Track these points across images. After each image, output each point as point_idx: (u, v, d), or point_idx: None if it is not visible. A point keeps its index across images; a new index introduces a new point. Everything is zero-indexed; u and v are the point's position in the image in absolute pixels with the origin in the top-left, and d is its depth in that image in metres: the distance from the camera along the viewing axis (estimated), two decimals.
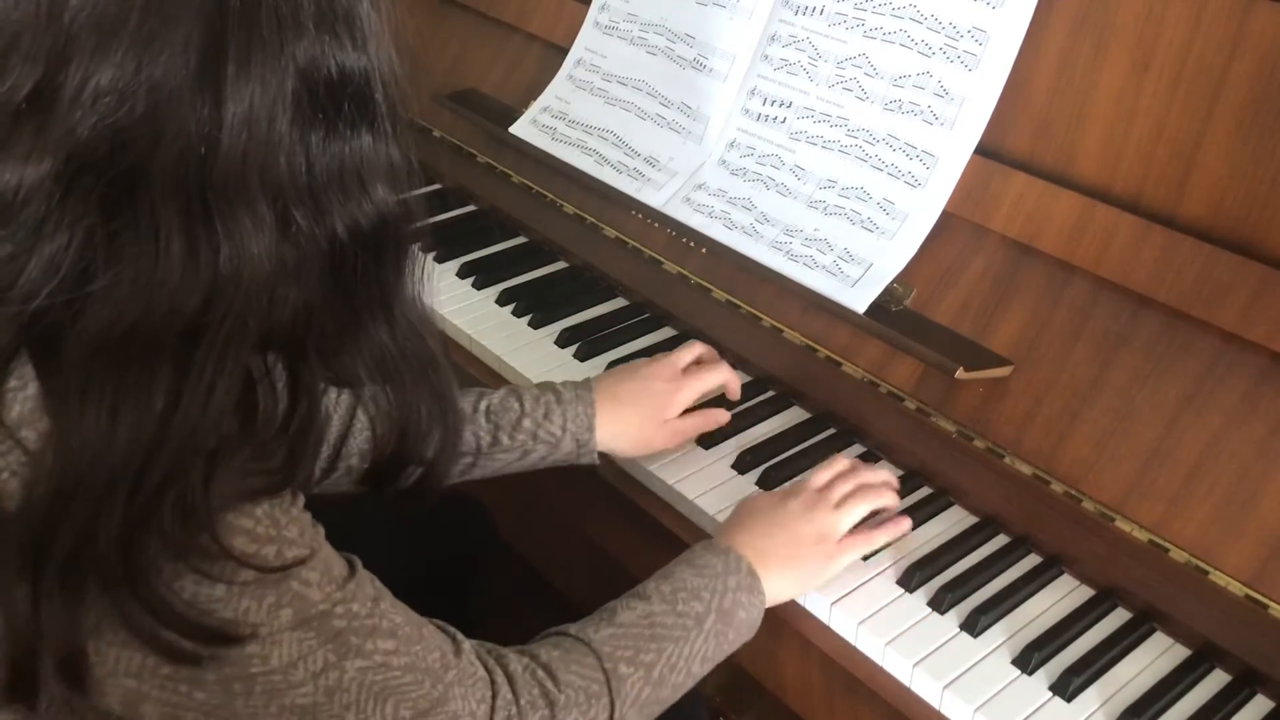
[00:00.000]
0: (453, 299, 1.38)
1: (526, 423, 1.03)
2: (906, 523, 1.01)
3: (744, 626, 0.89)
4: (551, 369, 1.26)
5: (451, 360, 1.08)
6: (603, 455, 1.09)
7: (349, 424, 0.98)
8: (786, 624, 1.00)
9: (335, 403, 0.98)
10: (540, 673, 0.77)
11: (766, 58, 1.29)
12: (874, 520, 1.00)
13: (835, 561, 0.96)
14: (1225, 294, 0.94)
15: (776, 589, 0.93)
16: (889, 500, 1.02)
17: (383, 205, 0.65)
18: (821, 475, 1.00)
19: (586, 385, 1.08)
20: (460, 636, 0.75)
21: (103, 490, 0.58)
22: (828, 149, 1.22)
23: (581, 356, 1.28)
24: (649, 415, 1.08)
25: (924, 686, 0.92)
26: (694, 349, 1.15)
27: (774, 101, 1.28)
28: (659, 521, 1.10)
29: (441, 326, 1.35)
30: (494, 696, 0.73)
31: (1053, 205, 1.05)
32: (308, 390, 0.66)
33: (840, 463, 1.02)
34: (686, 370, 1.12)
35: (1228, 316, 0.94)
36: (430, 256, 1.47)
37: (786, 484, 1.05)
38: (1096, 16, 1.06)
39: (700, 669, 0.86)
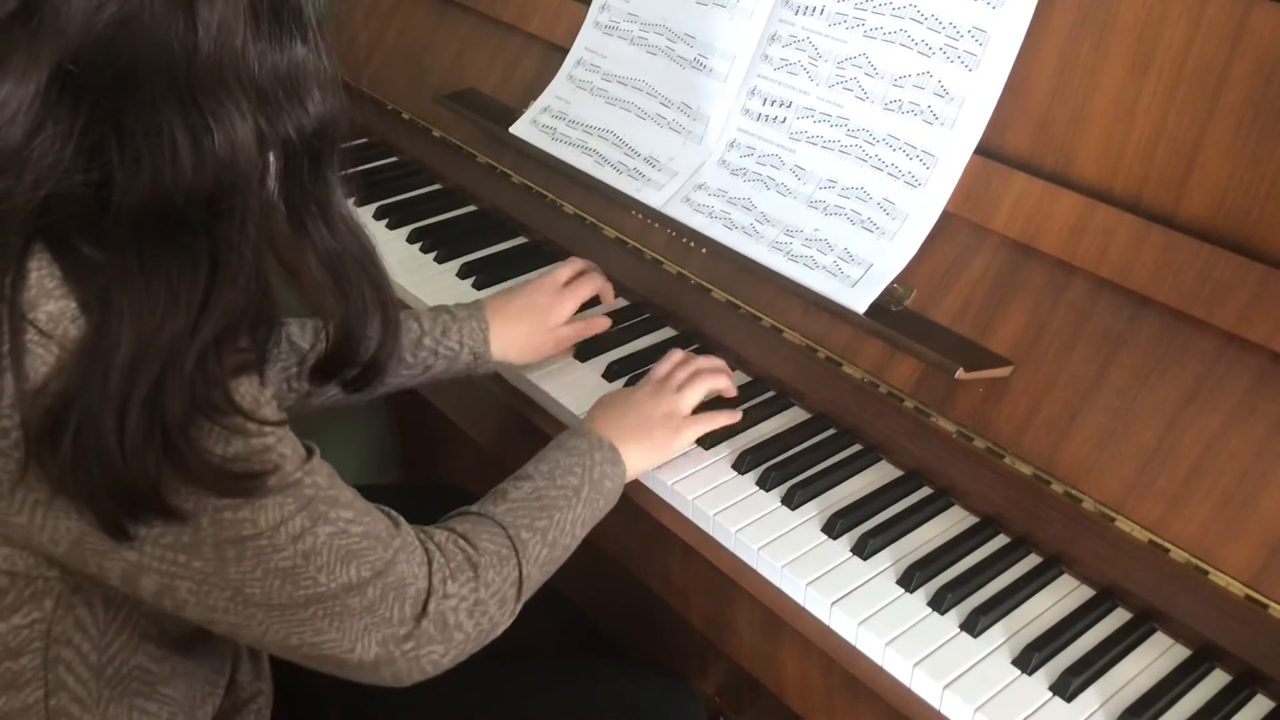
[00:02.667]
0: (453, 299, 1.38)
1: (427, 340, 1.15)
2: (738, 414, 1.16)
3: (611, 494, 1.04)
4: (551, 369, 1.26)
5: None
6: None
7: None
8: (786, 624, 1.00)
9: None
10: (461, 541, 0.89)
11: (766, 58, 1.29)
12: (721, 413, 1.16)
13: (681, 436, 1.11)
14: (1225, 294, 0.94)
15: (635, 462, 1.07)
16: (724, 383, 1.17)
17: (320, 109, 0.72)
18: (663, 366, 1.16)
19: (477, 305, 1.21)
20: (396, 514, 0.85)
21: (168, 353, 0.66)
22: (828, 149, 1.22)
23: (582, 356, 1.28)
24: (535, 325, 1.22)
25: (924, 686, 0.92)
26: (573, 264, 1.29)
27: (774, 101, 1.28)
28: (659, 521, 1.10)
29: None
30: (429, 561, 0.84)
31: (1053, 205, 1.05)
32: (267, 281, 0.73)
33: (678, 354, 1.18)
34: (567, 284, 1.26)
35: (1228, 316, 0.94)
36: (432, 257, 1.48)
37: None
38: (1096, 16, 1.06)
39: (581, 532, 1.00)
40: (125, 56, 0.64)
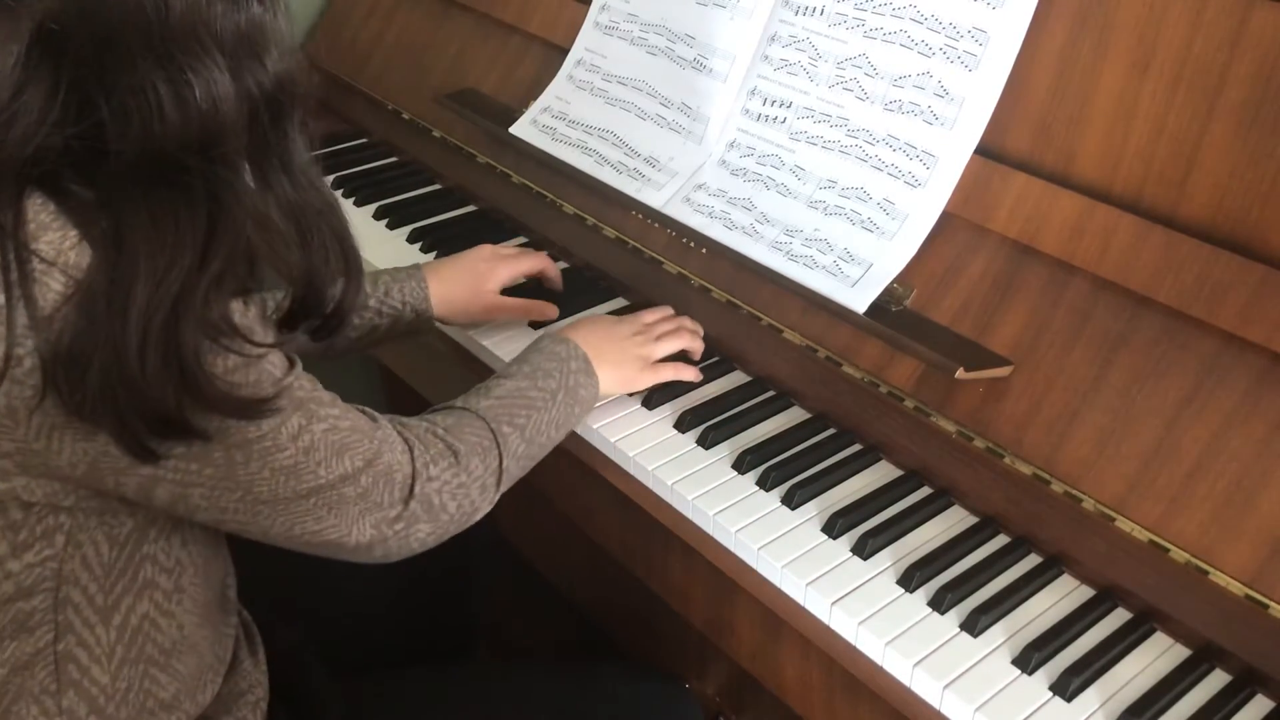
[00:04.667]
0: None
1: (371, 301, 1.21)
2: (699, 374, 1.23)
3: (585, 403, 1.11)
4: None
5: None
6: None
7: None
8: (786, 624, 1.00)
9: None
10: (441, 432, 0.96)
11: (766, 58, 1.29)
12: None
13: (648, 374, 1.18)
14: (1225, 294, 0.94)
15: (603, 383, 1.13)
16: (699, 345, 1.24)
17: (278, 66, 0.75)
18: (651, 314, 1.24)
19: (415, 266, 1.27)
20: (372, 411, 0.91)
21: (180, 287, 0.70)
22: (828, 149, 1.22)
23: None
24: (471, 286, 1.28)
25: (924, 686, 0.92)
26: (514, 245, 1.38)
27: (774, 102, 1.28)
28: (658, 521, 1.10)
29: (441, 327, 1.36)
30: (410, 449, 0.91)
31: (1053, 205, 1.05)
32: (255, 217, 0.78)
33: (666, 309, 1.27)
34: (507, 257, 1.33)
35: (1228, 316, 0.94)
36: (432, 257, 1.48)
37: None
38: (1096, 16, 1.06)
39: (557, 434, 1.07)
40: (103, 17, 0.67)
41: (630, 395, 1.21)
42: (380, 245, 1.51)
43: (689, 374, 1.22)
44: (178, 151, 0.70)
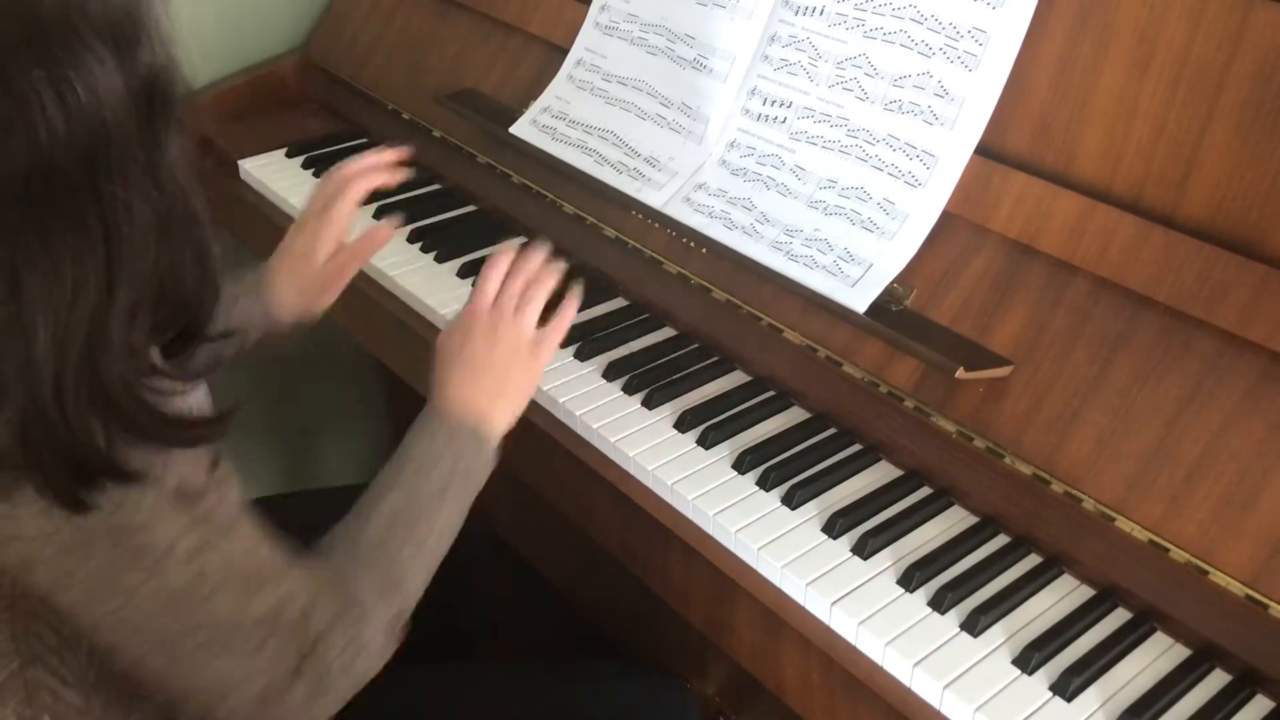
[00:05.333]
0: (453, 299, 1.38)
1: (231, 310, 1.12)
2: (576, 300, 1.08)
3: (483, 470, 0.99)
4: (551, 369, 1.26)
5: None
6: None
7: None
8: (786, 624, 1.00)
9: None
10: (345, 576, 0.86)
11: (766, 58, 1.29)
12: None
13: (537, 363, 1.04)
14: (1225, 294, 0.94)
15: (502, 420, 1.02)
16: (554, 277, 1.07)
17: (151, 59, 0.69)
18: (486, 292, 1.04)
19: (265, 266, 1.18)
20: (291, 551, 0.82)
21: (89, 324, 0.65)
22: (828, 149, 1.22)
23: (582, 356, 1.28)
24: (304, 269, 1.17)
25: (924, 686, 0.92)
26: (327, 183, 1.20)
27: (774, 101, 1.28)
28: (658, 521, 1.10)
29: (441, 327, 1.36)
30: (315, 605, 0.81)
31: (1053, 205, 1.05)
32: (204, 249, 0.74)
33: (498, 264, 1.05)
34: (324, 210, 1.19)
35: (1228, 316, 0.94)
36: (432, 257, 1.48)
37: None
38: (1096, 16, 1.06)
39: (459, 520, 0.97)
40: None
41: (630, 395, 1.21)
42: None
43: (570, 310, 1.07)
44: (66, 166, 0.64)
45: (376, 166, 1.22)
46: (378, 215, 1.57)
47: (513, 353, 1.03)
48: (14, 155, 0.63)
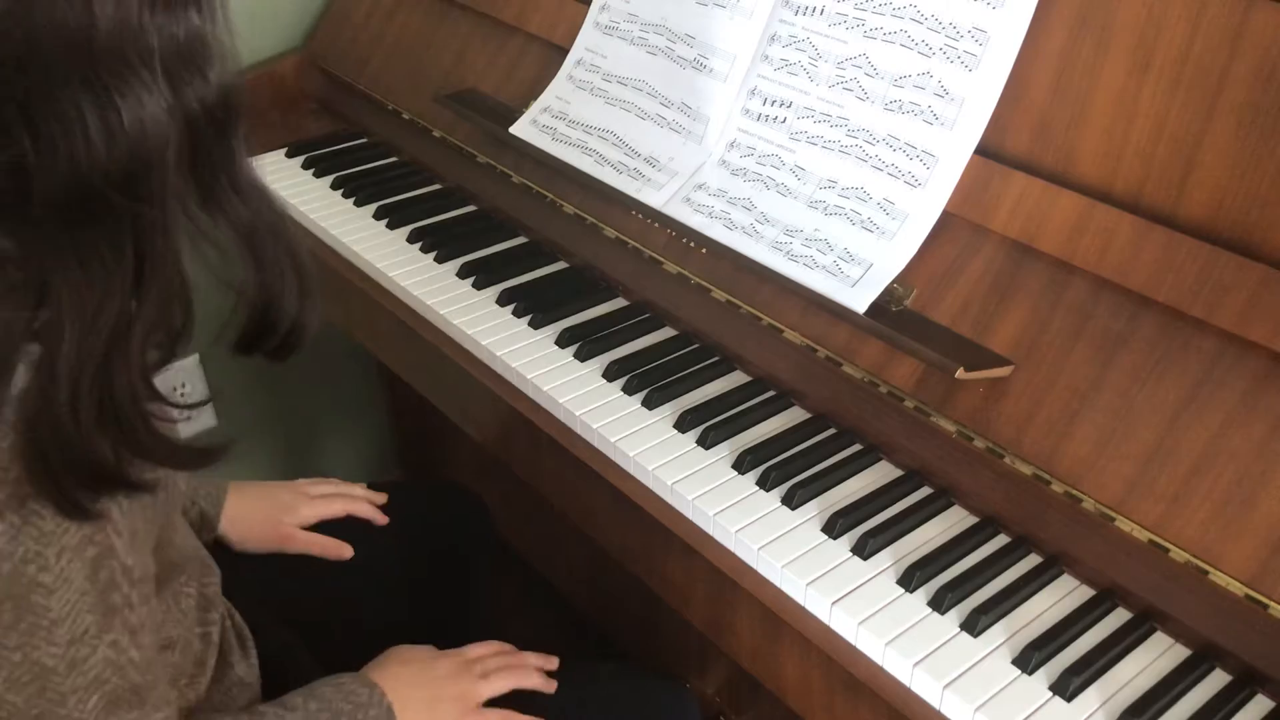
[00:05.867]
0: (453, 299, 1.38)
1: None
2: None
3: None
4: (551, 369, 1.26)
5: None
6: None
7: None
8: (786, 624, 1.00)
9: None
10: None
11: (766, 58, 1.29)
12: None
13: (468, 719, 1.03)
14: (1225, 294, 0.94)
15: None
16: (537, 682, 1.10)
17: (221, 78, 0.70)
18: (478, 648, 1.10)
19: (224, 485, 1.22)
20: (171, 697, 0.80)
21: (110, 337, 0.65)
22: (828, 149, 1.22)
23: (582, 357, 1.28)
24: (267, 515, 1.23)
25: (924, 686, 0.92)
26: (331, 484, 1.31)
27: (774, 101, 1.28)
28: (658, 521, 1.10)
29: (441, 327, 1.36)
30: None
31: (1053, 205, 1.05)
32: (177, 258, 0.72)
33: (501, 645, 1.12)
34: (318, 498, 1.27)
35: (1228, 316, 0.94)
36: (432, 257, 1.48)
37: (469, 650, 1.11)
38: (1096, 16, 1.06)
39: None
40: (20, 40, 0.62)
41: (630, 395, 1.21)
42: (380, 245, 1.51)
43: None
44: (103, 188, 0.64)
45: (371, 516, 1.31)
46: (378, 216, 1.57)
47: (457, 696, 1.04)
48: (55, 173, 0.64)
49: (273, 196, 0.77)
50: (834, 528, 1.05)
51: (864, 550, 1.02)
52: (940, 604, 0.97)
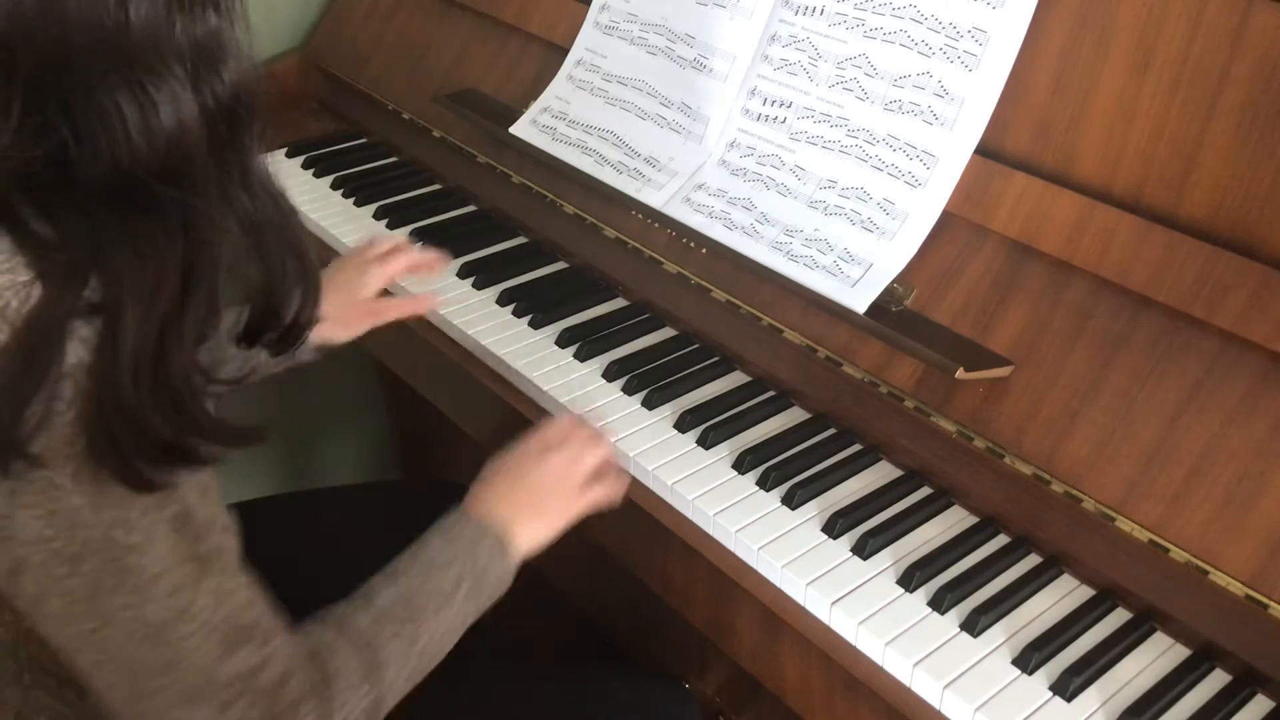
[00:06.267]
0: (453, 299, 1.38)
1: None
2: (625, 478, 1.08)
3: (496, 586, 0.96)
4: (551, 369, 1.26)
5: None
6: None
7: None
8: (786, 624, 1.00)
9: None
10: (319, 660, 0.83)
11: (766, 58, 1.29)
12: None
13: (576, 505, 1.02)
14: (1225, 294, 0.94)
15: (526, 540, 0.99)
16: (611, 451, 1.08)
17: (235, 76, 0.72)
18: (553, 432, 1.05)
19: None
20: (277, 621, 0.81)
21: (165, 318, 0.68)
22: (828, 149, 1.22)
23: (582, 357, 1.28)
24: (343, 300, 1.25)
25: (924, 686, 0.92)
26: (386, 242, 1.32)
27: (774, 102, 1.28)
28: (659, 521, 1.10)
29: (442, 327, 1.36)
30: (289, 677, 0.79)
31: (1053, 205, 1.05)
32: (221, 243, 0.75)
33: (571, 419, 1.08)
34: (379, 258, 1.29)
35: (1228, 316, 0.94)
36: None
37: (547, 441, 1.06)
38: (1096, 16, 1.06)
39: (460, 629, 0.93)
40: (55, 34, 0.64)
41: (630, 395, 1.21)
42: None
43: (618, 486, 1.06)
44: (145, 176, 0.67)
45: (429, 262, 1.34)
46: (378, 216, 1.57)
47: (557, 481, 1.02)
48: (97, 163, 0.66)
49: (282, 195, 0.78)
50: (834, 528, 1.05)
51: (864, 550, 1.02)
52: (940, 604, 0.97)
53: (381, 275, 1.28)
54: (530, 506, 1.00)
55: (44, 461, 0.67)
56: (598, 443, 1.06)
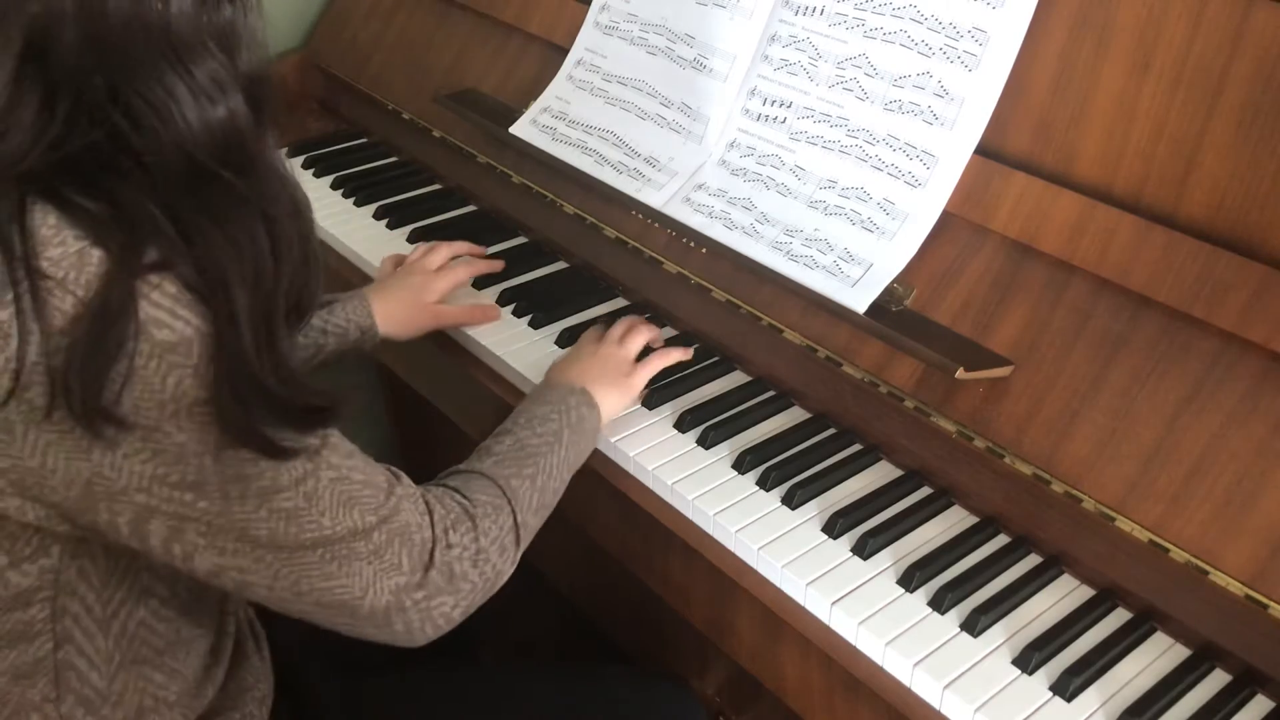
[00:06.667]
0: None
1: (316, 321, 1.22)
2: (687, 351, 1.27)
3: (591, 434, 1.10)
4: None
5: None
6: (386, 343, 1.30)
7: None
8: (786, 624, 1.00)
9: None
10: (456, 495, 0.92)
11: (766, 58, 1.29)
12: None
13: (638, 375, 1.19)
14: (1225, 294, 0.94)
15: (607, 403, 1.14)
16: (655, 331, 1.27)
17: (248, 65, 0.75)
18: (617, 329, 1.24)
19: (355, 290, 1.30)
20: (396, 470, 0.87)
21: (267, 292, 0.72)
22: (828, 149, 1.22)
23: None
24: (411, 301, 1.31)
25: (924, 686, 0.92)
26: (452, 247, 1.39)
27: (774, 102, 1.28)
28: (659, 521, 1.10)
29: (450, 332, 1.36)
30: (430, 512, 0.87)
31: (1053, 205, 1.05)
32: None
33: (630, 320, 1.27)
34: (442, 268, 1.36)
35: (1228, 316, 0.94)
36: None
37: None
38: (1096, 16, 1.06)
39: (568, 474, 1.05)
40: (101, 22, 0.67)
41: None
42: (381, 245, 1.51)
43: (674, 355, 1.24)
44: (206, 159, 0.70)
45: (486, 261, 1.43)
46: (378, 216, 1.57)
47: (614, 366, 1.18)
48: (163, 149, 0.69)
49: (293, 182, 0.80)
50: (834, 528, 1.05)
51: (864, 550, 1.02)
52: (940, 604, 0.97)
53: (449, 283, 1.34)
54: (600, 378, 1.15)
55: (135, 422, 0.69)
56: (641, 329, 1.24)
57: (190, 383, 0.70)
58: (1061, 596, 1.00)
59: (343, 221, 1.57)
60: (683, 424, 1.17)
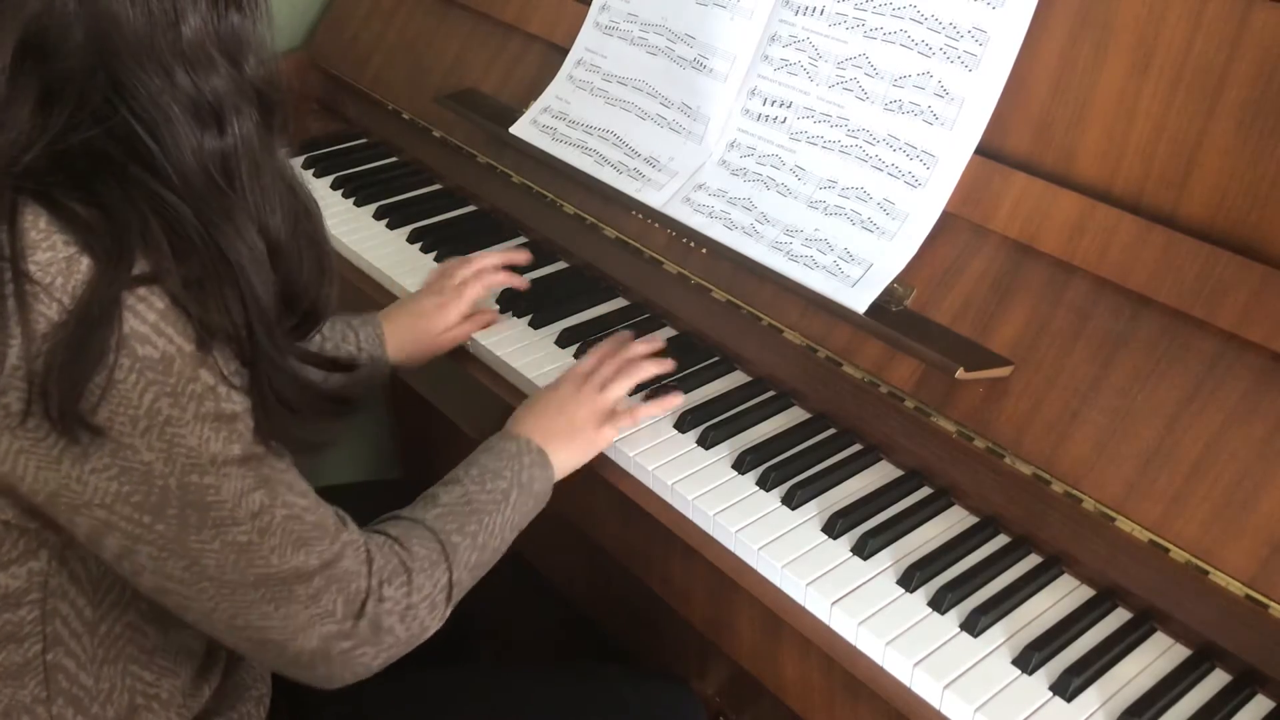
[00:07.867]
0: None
1: (327, 345, 1.18)
2: (675, 398, 1.18)
3: (541, 496, 1.05)
4: (551, 369, 1.26)
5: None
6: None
7: None
8: (786, 624, 1.00)
9: None
10: (396, 546, 0.90)
11: (767, 58, 1.29)
12: (655, 391, 1.19)
13: (605, 433, 1.12)
14: (1225, 294, 0.94)
15: (562, 462, 1.08)
16: (652, 370, 1.18)
17: (256, 72, 0.76)
18: (589, 360, 1.17)
19: (372, 314, 1.26)
20: (344, 513, 0.87)
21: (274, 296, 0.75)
22: (828, 149, 1.22)
23: (581, 356, 1.28)
24: (424, 332, 1.27)
25: (924, 686, 0.92)
26: (469, 264, 1.33)
27: (774, 102, 1.28)
28: (659, 521, 1.10)
29: None
30: (370, 562, 0.86)
31: (1053, 205, 1.05)
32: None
33: (604, 346, 1.20)
34: (457, 288, 1.31)
35: (1228, 316, 0.94)
36: (432, 257, 1.48)
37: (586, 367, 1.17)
38: (1096, 16, 1.06)
39: (511, 534, 1.01)
40: (103, 32, 0.68)
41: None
42: (380, 245, 1.51)
43: (655, 409, 1.17)
44: (208, 165, 0.71)
45: (509, 263, 1.36)
46: (378, 216, 1.57)
47: (587, 416, 1.11)
48: (163, 153, 0.70)
49: (302, 187, 0.82)
50: (834, 528, 1.05)
51: (864, 550, 1.02)
52: (940, 604, 0.97)
53: (463, 305, 1.29)
54: (564, 436, 1.09)
55: (109, 430, 0.70)
56: (632, 369, 1.16)
57: (165, 402, 0.70)
58: (1061, 596, 1.00)
59: (342, 222, 1.57)
60: (683, 424, 1.17)
